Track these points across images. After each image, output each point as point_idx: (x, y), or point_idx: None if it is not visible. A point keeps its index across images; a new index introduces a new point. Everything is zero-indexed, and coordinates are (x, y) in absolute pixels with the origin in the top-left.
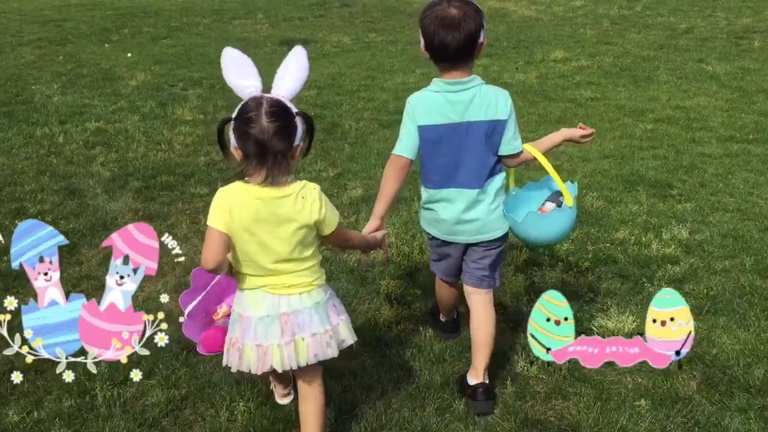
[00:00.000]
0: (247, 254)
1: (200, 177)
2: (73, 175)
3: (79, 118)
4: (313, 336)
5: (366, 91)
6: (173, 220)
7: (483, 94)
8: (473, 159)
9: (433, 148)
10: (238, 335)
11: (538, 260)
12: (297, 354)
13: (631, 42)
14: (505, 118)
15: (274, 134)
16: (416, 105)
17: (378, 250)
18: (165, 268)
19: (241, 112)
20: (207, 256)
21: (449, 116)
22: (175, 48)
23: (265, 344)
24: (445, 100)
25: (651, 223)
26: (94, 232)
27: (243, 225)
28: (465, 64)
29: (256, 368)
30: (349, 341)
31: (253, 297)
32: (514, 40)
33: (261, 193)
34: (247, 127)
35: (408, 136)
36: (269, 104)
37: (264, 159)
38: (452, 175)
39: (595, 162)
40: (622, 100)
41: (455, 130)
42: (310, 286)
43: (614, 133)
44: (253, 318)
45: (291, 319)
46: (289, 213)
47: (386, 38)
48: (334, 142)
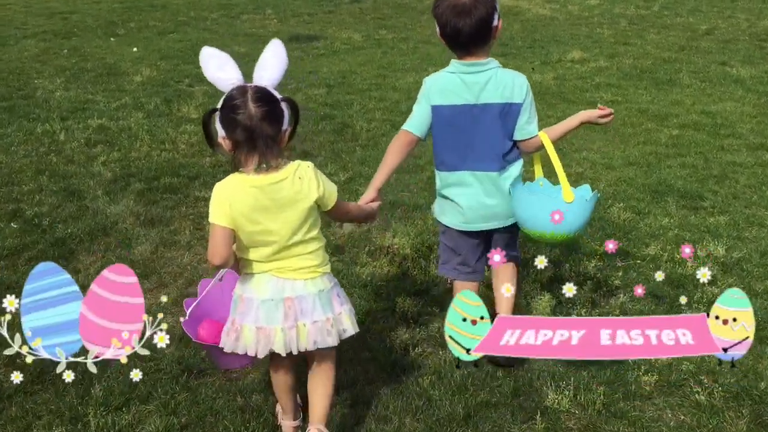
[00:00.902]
0: (253, 242)
1: (205, 179)
2: (73, 175)
3: (82, 114)
4: (314, 323)
5: (377, 90)
6: (176, 226)
7: (499, 77)
8: (487, 141)
9: (446, 128)
10: (238, 317)
11: (565, 277)
12: (298, 339)
13: (650, 43)
14: (520, 101)
15: (262, 119)
16: (432, 84)
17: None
18: (166, 278)
19: (226, 100)
20: (213, 252)
21: (464, 97)
22: (181, 43)
23: (268, 328)
24: (460, 80)
25: (683, 238)
26: (93, 237)
27: (244, 215)
28: (480, 48)
29: (254, 350)
30: (351, 332)
31: (259, 280)
32: (528, 39)
33: (256, 182)
34: (234, 114)
35: (419, 114)
36: (254, 91)
37: (254, 145)
38: (465, 156)
39: (619, 170)
40: (644, 103)
41: (470, 110)
42: (315, 272)
43: (638, 138)
44: (255, 300)
45: (295, 304)
46: (290, 195)
47: (397, 35)
48: (344, 143)
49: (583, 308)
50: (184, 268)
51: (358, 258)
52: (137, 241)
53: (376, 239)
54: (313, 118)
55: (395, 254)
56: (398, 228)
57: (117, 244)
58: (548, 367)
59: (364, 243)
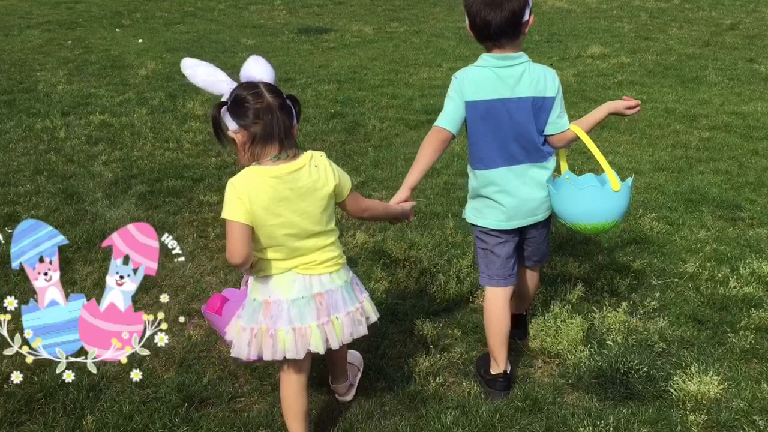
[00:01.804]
0: (274, 238)
1: (210, 182)
2: (72, 175)
3: (83, 109)
4: (348, 315)
5: (390, 87)
6: (179, 233)
7: (531, 71)
8: (524, 135)
9: (481, 124)
10: (269, 323)
11: (596, 297)
12: (334, 334)
13: (673, 38)
14: (553, 95)
15: (279, 108)
16: (464, 79)
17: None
18: (167, 292)
19: (239, 93)
20: (232, 249)
21: (499, 91)
22: (188, 34)
23: (303, 327)
24: (494, 75)
25: (723, 253)
26: (90, 245)
27: (264, 208)
28: (510, 42)
29: (294, 353)
30: (374, 318)
31: (283, 280)
32: (546, 33)
33: (274, 172)
34: (253, 103)
35: (453, 110)
36: (265, 84)
37: (273, 134)
38: (502, 152)
39: (648, 175)
40: (670, 103)
41: (505, 105)
42: (337, 264)
43: (666, 141)
44: (284, 301)
45: (325, 298)
46: (308, 184)
47: (409, 28)
48: (356, 144)
49: (619, 334)
50: (186, 281)
51: (372, 272)
52: None
53: (392, 251)
54: (322, 116)
55: (412, 268)
56: (415, 238)
57: None
58: (584, 403)
59: (378, 255)
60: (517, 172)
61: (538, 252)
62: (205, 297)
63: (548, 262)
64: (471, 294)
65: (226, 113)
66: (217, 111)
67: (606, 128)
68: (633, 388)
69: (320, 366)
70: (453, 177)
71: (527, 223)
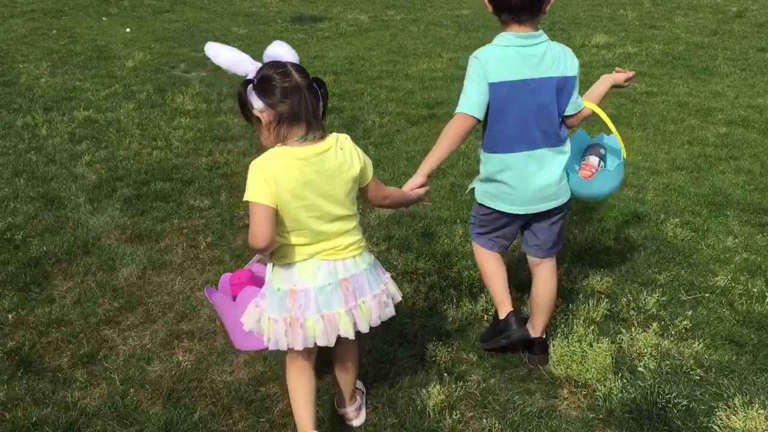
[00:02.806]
0: (299, 222)
1: (201, 184)
2: (53, 177)
3: (67, 104)
4: (374, 297)
5: (388, 78)
6: (167, 243)
7: (552, 50)
8: (545, 118)
9: (503, 106)
10: (297, 312)
11: (623, 315)
12: (362, 318)
13: (679, 26)
14: (574, 74)
15: (307, 88)
16: (487, 59)
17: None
18: (154, 310)
19: (266, 72)
20: (257, 233)
21: (523, 72)
22: (177, 23)
23: (331, 313)
24: (517, 54)
25: (754, 264)
26: (71, 256)
27: (290, 190)
28: (530, 19)
29: (324, 340)
30: (398, 298)
31: (307, 267)
32: (547, 21)
33: (300, 153)
34: (282, 82)
35: (477, 93)
36: (292, 64)
37: (300, 114)
38: (522, 136)
39: (666, 175)
40: (682, 95)
41: (528, 86)
42: (359, 248)
43: (681, 137)
44: (310, 289)
45: (351, 283)
46: (335, 167)
47: (406, 16)
48: (356, 141)
49: (651, 360)
50: (175, 298)
51: None
52: (122, 262)
53: (397, 262)
54: None
55: (420, 282)
56: (422, 248)
57: (99, 267)
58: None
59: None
60: (536, 157)
61: (551, 239)
62: (196, 315)
63: (567, 275)
64: (486, 312)
65: (252, 92)
66: (244, 89)
67: (618, 124)
68: (672, 425)
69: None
70: (460, 178)
71: (542, 209)
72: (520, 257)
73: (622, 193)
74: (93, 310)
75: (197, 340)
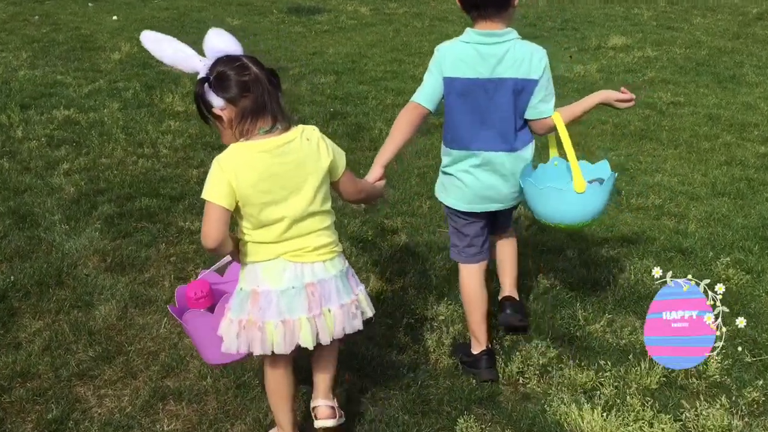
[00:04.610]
0: (264, 218)
1: (191, 201)
2: (27, 189)
3: (47, 101)
4: (341, 307)
5: (394, 80)
6: (152, 273)
7: (517, 50)
8: (500, 120)
9: (458, 102)
10: (257, 315)
11: (681, 381)
12: (326, 327)
13: (698, 28)
14: (537, 77)
15: (267, 80)
16: (444, 54)
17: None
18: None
19: (222, 68)
20: (207, 232)
21: (478, 70)
22: (167, 11)
23: (292, 319)
24: (476, 52)
25: None
26: (43, 289)
27: (253, 185)
28: (497, 13)
29: (282, 347)
30: (369, 313)
31: (271, 268)
32: (559, 19)
33: (263, 146)
34: (239, 76)
35: (430, 85)
36: (246, 56)
37: (265, 107)
38: (476, 134)
39: (706, 201)
40: (711, 107)
41: (483, 86)
42: (332, 252)
43: (718, 156)
44: (273, 292)
45: (317, 289)
46: (299, 158)
47: (409, 10)
48: (361, 153)
49: None
50: (160, 345)
51: (394, 337)
52: (100, 298)
53: (415, 305)
54: (321, 116)
55: (443, 331)
56: (440, 287)
57: (73, 303)
58: None
59: (400, 311)
60: (487, 157)
61: (506, 223)
62: (184, 369)
63: (610, 326)
64: (521, 374)
65: (209, 90)
66: (202, 88)
67: (647, 139)
68: None
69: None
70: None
71: (488, 209)
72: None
73: (661, 222)
74: (65, 360)
75: (185, 402)
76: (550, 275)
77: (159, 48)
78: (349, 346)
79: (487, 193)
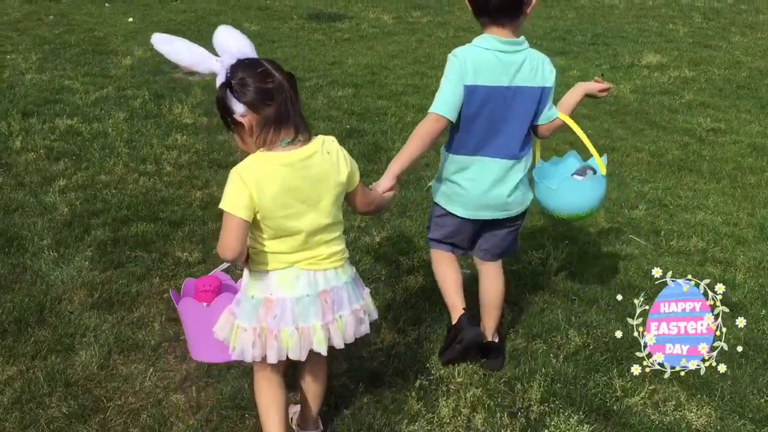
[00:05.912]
0: (281, 230)
1: (192, 228)
2: (19, 207)
3: (50, 109)
4: (352, 313)
5: (415, 95)
6: (142, 312)
7: (532, 58)
8: (514, 127)
9: (475, 110)
10: (272, 323)
11: None
12: (338, 333)
13: (737, 47)
14: (550, 85)
15: (291, 87)
16: (466, 60)
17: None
18: (114, 424)
19: (244, 73)
20: (226, 245)
21: (499, 78)
22: (185, 14)
23: (306, 326)
24: (496, 59)
25: None
26: (21, 328)
27: (273, 198)
28: (510, 22)
29: (297, 353)
30: (374, 316)
31: (285, 277)
32: (589, 33)
33: (284, 159)
34: (263, 83)
35: (452, 94)
36: (268, 61)
37: (288, 117)
38: (488, 142)
39: (754, 246)
40: (754, 135)
41: (502, 94)
42: (342, 259)
43: (764, 192)
44: (287, 299)
45: (330, 296)
46: (320, 172)
47: (433, 19)
48: (378, 176)
49: None
50: (143, 402)
51: (405, 402)
52: (82, 340)
53: (430, 363)
54: (336, 133)
55: (460, 397)
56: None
57: (52, 346)
58: None
59: (413, 370)
60: (495, 165)
61: (500, 246)
62: (169, 428)
63: (651, 395)
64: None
65: (231, 95)
66: (224, 92)
67: (686, 170)
68: None
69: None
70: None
71: (490, 218)
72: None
73: (705, 269)
74: (35, 417)
75: None
76: (583, 331)
77: (174, 50)
78: (354, 410)
79: (492, 202)
